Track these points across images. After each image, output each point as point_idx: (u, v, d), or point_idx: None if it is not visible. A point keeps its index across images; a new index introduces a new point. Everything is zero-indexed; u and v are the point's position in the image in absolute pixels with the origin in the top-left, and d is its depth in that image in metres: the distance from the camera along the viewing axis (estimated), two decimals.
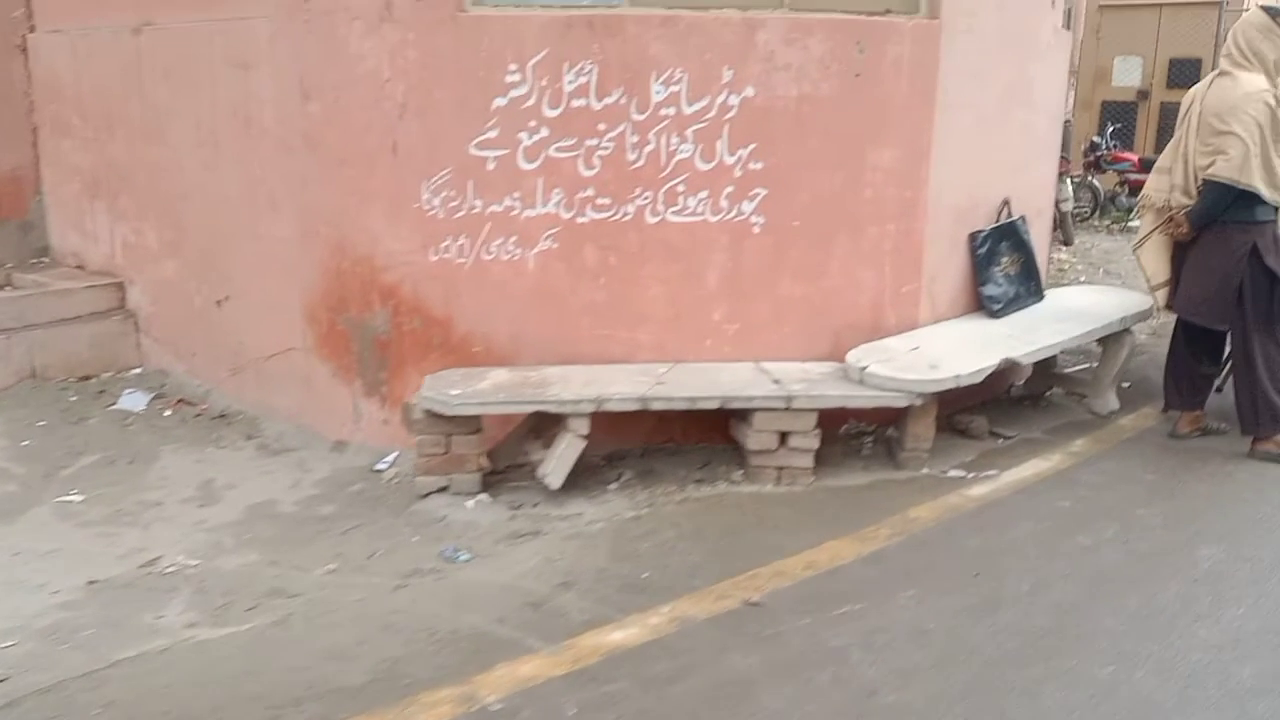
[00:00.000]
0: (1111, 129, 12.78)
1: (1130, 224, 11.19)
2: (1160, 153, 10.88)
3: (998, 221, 4.78)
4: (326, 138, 4.30)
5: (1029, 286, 4.92)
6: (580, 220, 4.14)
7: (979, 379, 4.06)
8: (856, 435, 4.50)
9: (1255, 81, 4.14)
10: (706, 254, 4.20)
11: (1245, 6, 12.71)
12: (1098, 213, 11.60)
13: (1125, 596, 3.15)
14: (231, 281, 5.00)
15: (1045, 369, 5.16)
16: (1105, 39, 14.05)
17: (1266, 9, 4.25)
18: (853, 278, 4.37)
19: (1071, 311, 4.83)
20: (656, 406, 3.82)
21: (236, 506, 4.12)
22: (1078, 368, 5.29)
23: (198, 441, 4.79)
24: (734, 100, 4.07)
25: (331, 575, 3.49)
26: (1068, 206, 9.70)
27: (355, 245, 4.35)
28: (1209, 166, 4.19)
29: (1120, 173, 11.50)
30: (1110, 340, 4.85)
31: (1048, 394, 5.18)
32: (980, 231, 4.70)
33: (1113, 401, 4.92)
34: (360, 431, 4.53)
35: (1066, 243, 9.60)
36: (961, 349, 4.25)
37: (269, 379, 4.87)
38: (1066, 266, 8.80)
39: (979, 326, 4.59)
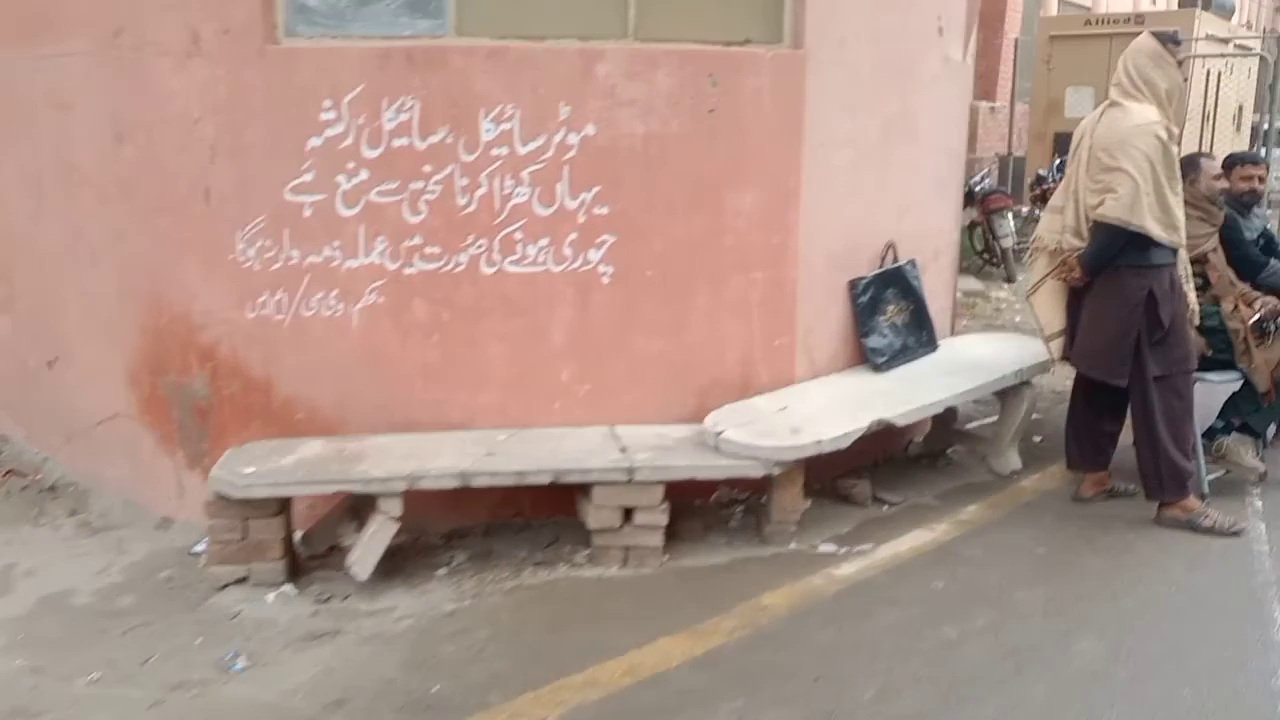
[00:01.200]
0: (1059, 161, 12.57)
1: None
2: None
3: (881, 267, 4.41)
4: (140, 184, 3.88)
5: (920, 336, 4.55)
6: (408, 271, 3.73)
7: (845, 443, 3.66)
8: (728, 503, 4.09)
9: (1146, 113, 3.80)
10: (550, 307, 3.80)
11: (1198, 35, 12.59)
12: None
13: (983, 703, 2.73)
14: (62, 341, 4.53)
15: (945, 425, 4.78)
16: (1056, 70, 13.91)
17: (1158, 34, 3.93)
18: (717, 331, 3.98)
19: (966, 363, 4.45)
20: (479, 483, 3.39)
21: (27, 598, 3.64)
22: (980, 423, 4.91)
23: (15, 519, 4.30)
24: (573, 139, 3.68)
25: (92, 687, 3.02)
26: (1009, 243, 9.42)
27: (172, 302, 3.91)
28: (1098, 206, 3.84)
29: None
30: (1009, 395, 4.48)
31: (948, 452, 4.79)
32: (861, 278, 4.33)
33: (1014, 460, 4.54)
34: (185, 508, 4.06)
35: (1009, 280, 9.30)
36: (834, 409, 3.86)
37: (99, 448, 4.40)
38: (1004, 305, 8.50)
39: (860, 382, 4.20)
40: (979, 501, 4.24)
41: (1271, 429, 4.62)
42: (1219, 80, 14.06)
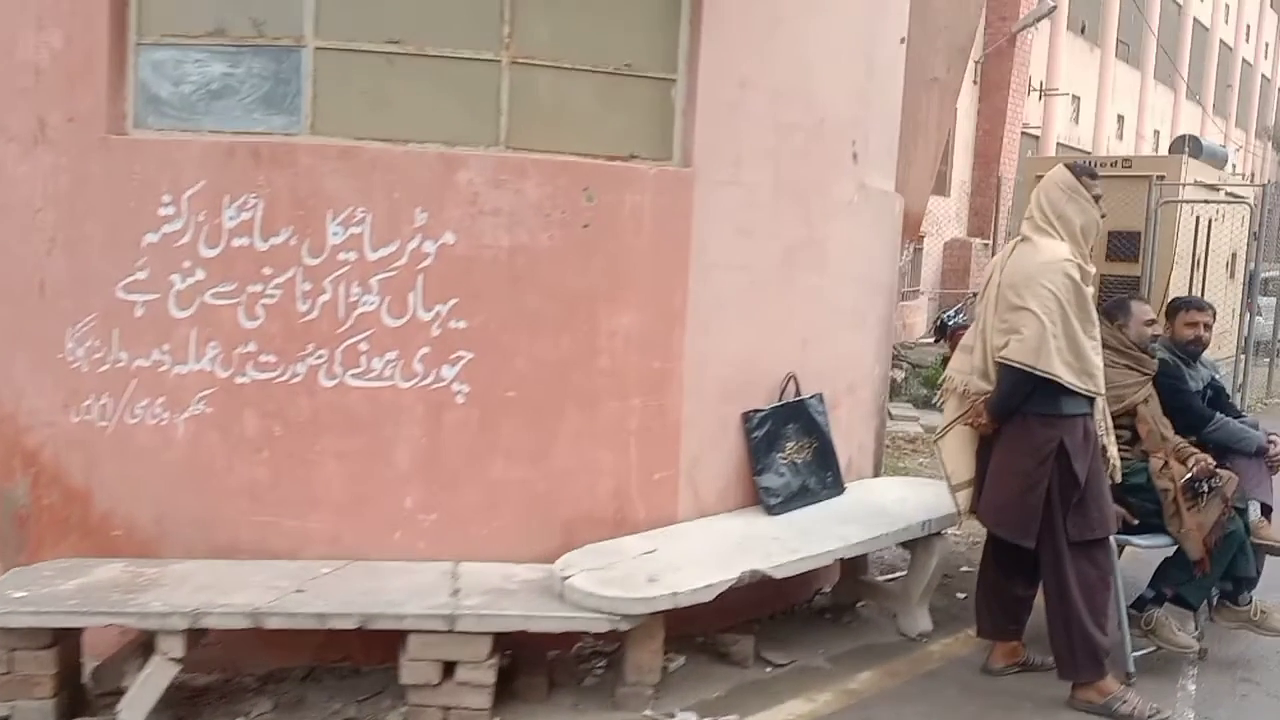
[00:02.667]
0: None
1: None
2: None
3: (781, 400, 4.07)
4: None
5: (824, 478, 4.17)
6: (240, 380, 3.42)
7: (708, 596, 3.25)
8: (591, 655, 3.66)
9: (1056, 249, 3.50)
10: (396, 426, 3.46)
11: (1185, 180, 12.50)
12: None
13: None
14: None
15: (854, 575, 4.36)
16: None
17: (1072, 166, 3.67)
18: (587, 460, 3.63)
19: (870, 510, 4.06)
20: (273, 624, 2.99)
21: None
22: (890, 576, 4.47)
23: None
24: (429, 247, 3.41)
25: None
26: None
27: (1, 400, 3.61)
28: (1003, 347, 3.51)
29: None
30: (918, 547, 4.07)
31: (858, 606, 4.36)
32: (757, 411, 3.98)
33: (923, 621, 4.09)
34: None
35: None
36: (708, 555, 3.47)
37: None
38: None
39: (747, 525, 3.81)
40: (875, 667, 3.79)
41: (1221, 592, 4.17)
42: (1210, 227, 13.95)
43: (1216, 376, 4.73)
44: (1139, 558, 4.22)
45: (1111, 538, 3.73)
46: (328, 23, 3.44)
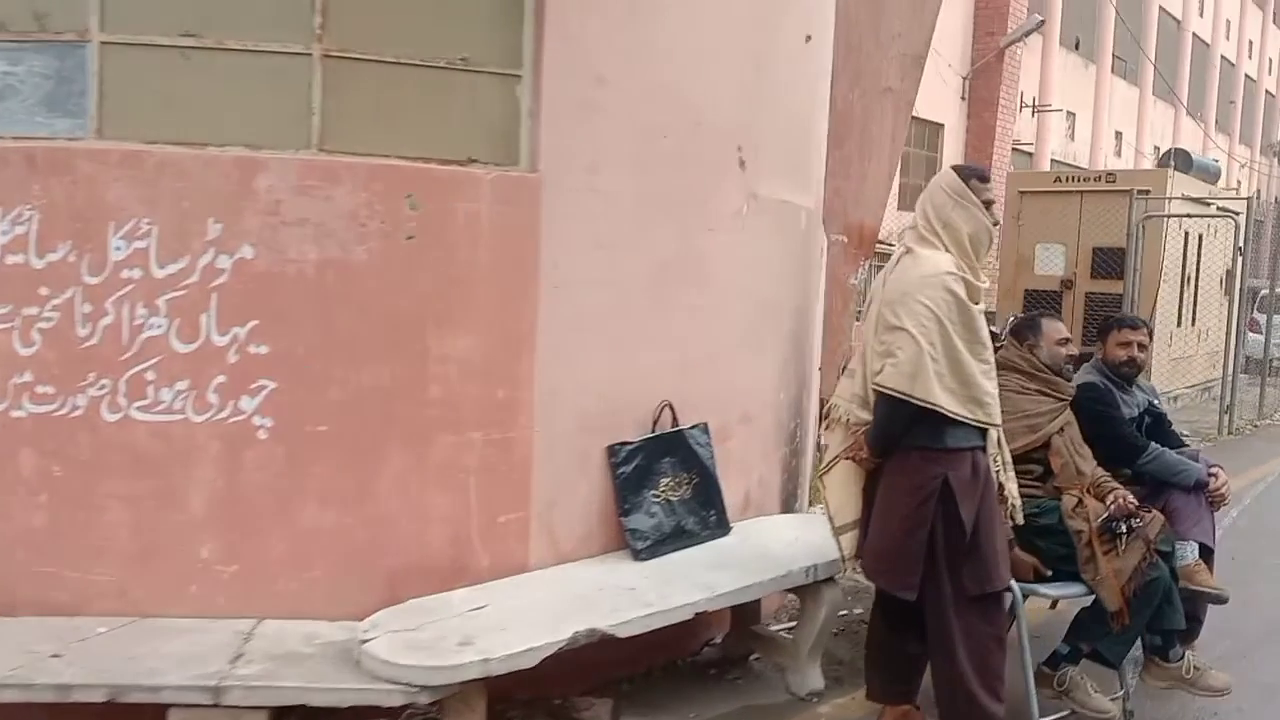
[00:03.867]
0: (1011, 318, 11.91)
1: None
2: (1084, 347, 9.93)
3: (654, 431, 3.66)
4: None
5: (705, 517, 3.75)
6: (15, 414, 3.04)
7: (529, 662, 2.83)
8: None
9: (937, 261, 3.10)
10: (188, 466, 3.07)
11: (1170, 193, 12.06)
12: None
13: None
14: None
15: (745, 625, 3.93)
16: (1026, 225, 13.45)
17: (961, 169, 3.26)
18: (416, 503, 3.22)
19: (752, 554, 3.64)
20: (6, 698, 2.59)
21: None
22: (789, 625, 4.03)
23: None
24: (224, 262, 3.03)
25: None
26: None
27: None
28: (879, 372, 3.10)
29: None
30: (806, 595, 3.64)
31: (751, 659, 3.93)
32: (625, 444, 3.57)
33: (813, 678, 3.66)
34: None
35: None
36: (545, 610, 3.05)
37: None
38: None
39: (606, 573, 3.39)
40: None
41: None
42: (1200, 243, 13.49)
43: (1155, 402, 4.29)
44: (1062, 608, 3.78)
45: (1015, 585, 3.30)
46: (115, 14, 3.08)
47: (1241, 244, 10.98)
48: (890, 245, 10.65)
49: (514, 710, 3.32)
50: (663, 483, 3.66)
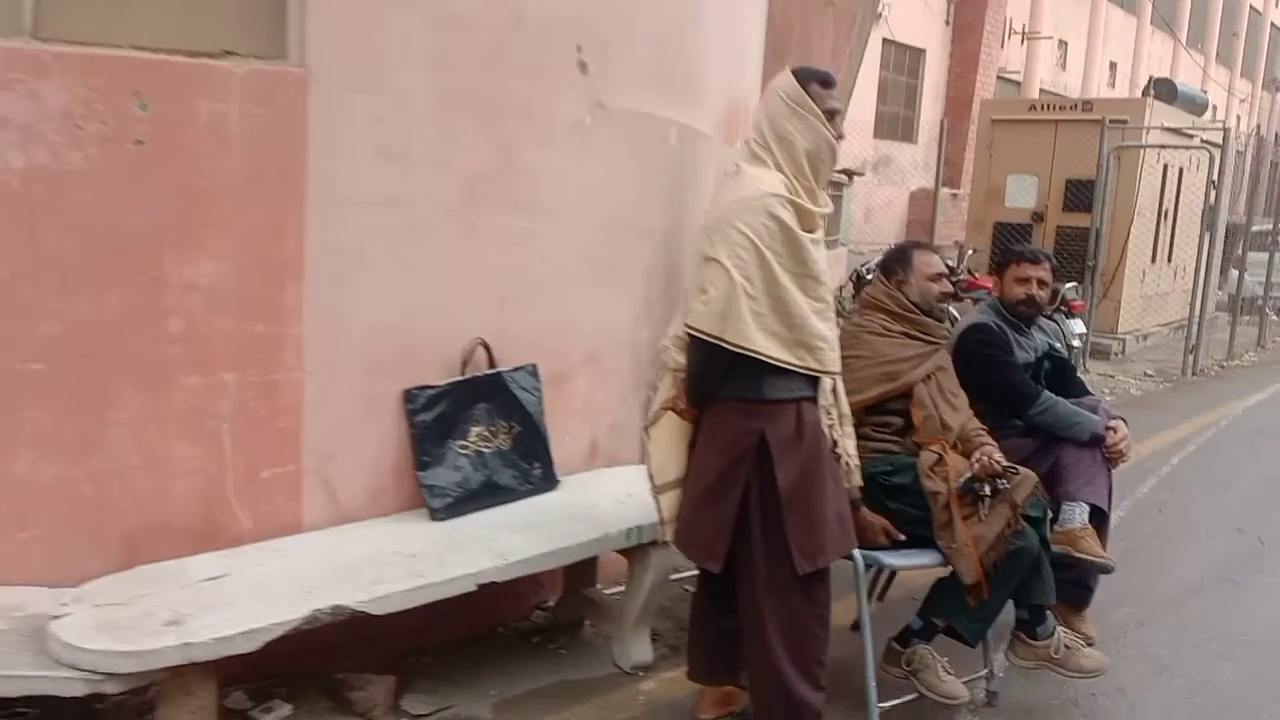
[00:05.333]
0: (972, 251, 11.41)
1: None
2: (1057, 281, 9.40)
3: (464, 374, 3.20)
4: None
5: (527, 471, 3.32)
6: None
7: (249, 645, 2.41)
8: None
9: (762, 181, 2.60)
10: None
11: (1149, 123, 11.45)
12: None
13: None
14: None
15: (576, 589, 3.53)
16: (998, 155, 12.87)
17: (800, 71, 2.73)
18: (155, 454, 2.77)
19: (574, 513, 3.21)
20: None
21: None
22: (616, 591, 3.61)
23: None
24: None
25: None
26: None
27: None
28: (691, 311, 2.64)
29: (975, 300, 10.01)
30: (634, 559, 3.23)
31: (586, 625, 3.53)
32: (426, 389, 3.12)
33: (641, 650, 3.27)
34: None
35: None
36: (293, 583, 2.63)
37: None
38: None
39: (390, 536, 2.96)
40: (554, 715, 2.97)
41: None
42: (1180, 176, 12.90)
43: (1057, 346, 3.84)
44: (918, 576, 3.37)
45: (856, 553, 2.89)
46: None
47: (1216, 177, 10.39)
48: (852, 176, 10.11)
49: (281, 687, 2.93)
50: (473, 432, 3.22)
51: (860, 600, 2.94)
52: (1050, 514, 3.44)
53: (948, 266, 10.16)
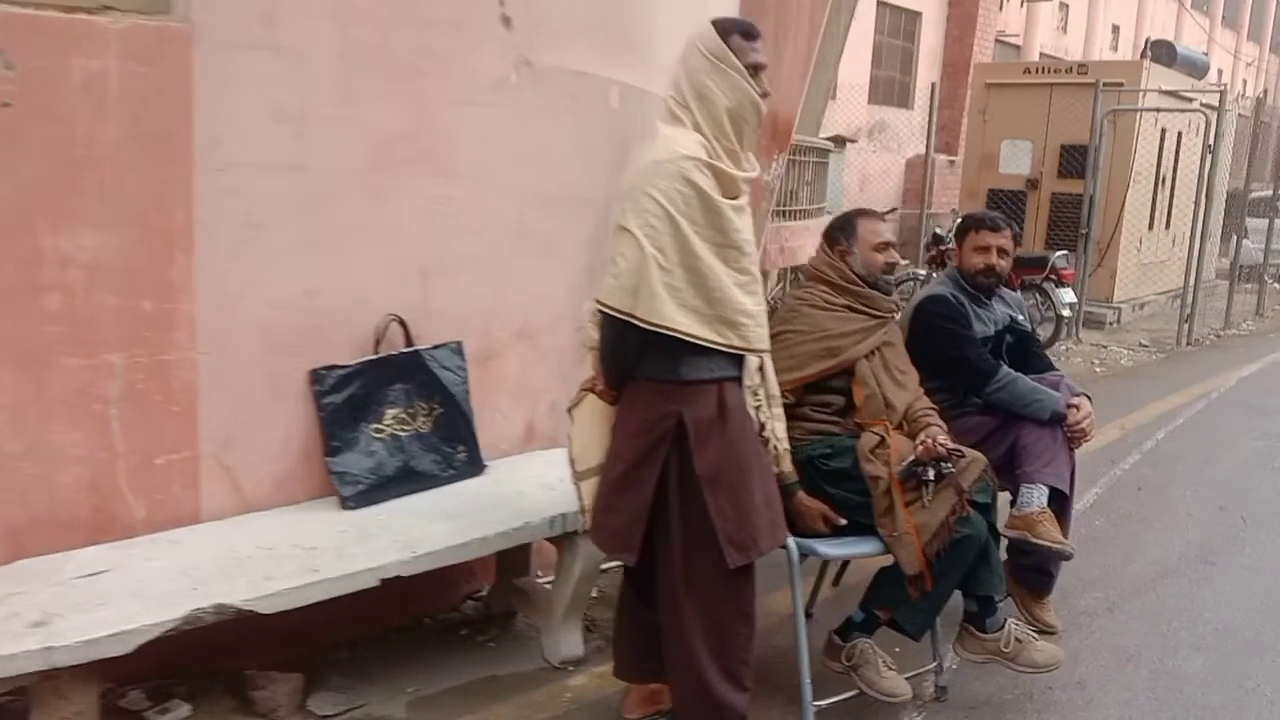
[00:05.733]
0: (958, 220, 11.16)
1: None
2: (1048, 250, 9.10)
3: (377, 352, 3.01)
4: None
5: (449, 455, 3.14)
6: None
7: (120, 648, 2.24)
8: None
9: (676, 142, 2.38)
10: None
11: (1145, 85, 11.14)
12: None
13: None
14: None
15: (508, 577, 3.35)
16: (992, 120, 12.59)
17: (720, 22, 2.50)
18: (37, 442, 2.58)
19: (499, 500, 3.03)
20: None
21: None
22: (548, 579, 3.43)
23: None
24: None
25: None
26: None
27: None
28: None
29: None
30: (564, 548, 3.05)
31: (520, 616, 3.36)
32: (334, 369, 2.93)
33: (570, 644, 3.10)
34: None
35: None
36: (182, 579, 2.45)
37: None
38: None
39: (294, 527, 2.78)
40: (472, 714, 2.80)
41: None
42: (1179, 141, 12.59)
43: (1019, 318, 3.63)
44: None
45: (791, 541, 2.70)
46: None
47: (1212, 141, 10.11)
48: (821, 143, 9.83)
49: (182, 685, 2.76)
50: (389, 415, 3.03)
51: (794, 591, 2.75)
52: (1012, 498, 3.27)
53: (936, 235, 9.92)
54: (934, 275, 10.09)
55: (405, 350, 3.06)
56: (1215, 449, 6.01)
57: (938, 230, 10.22)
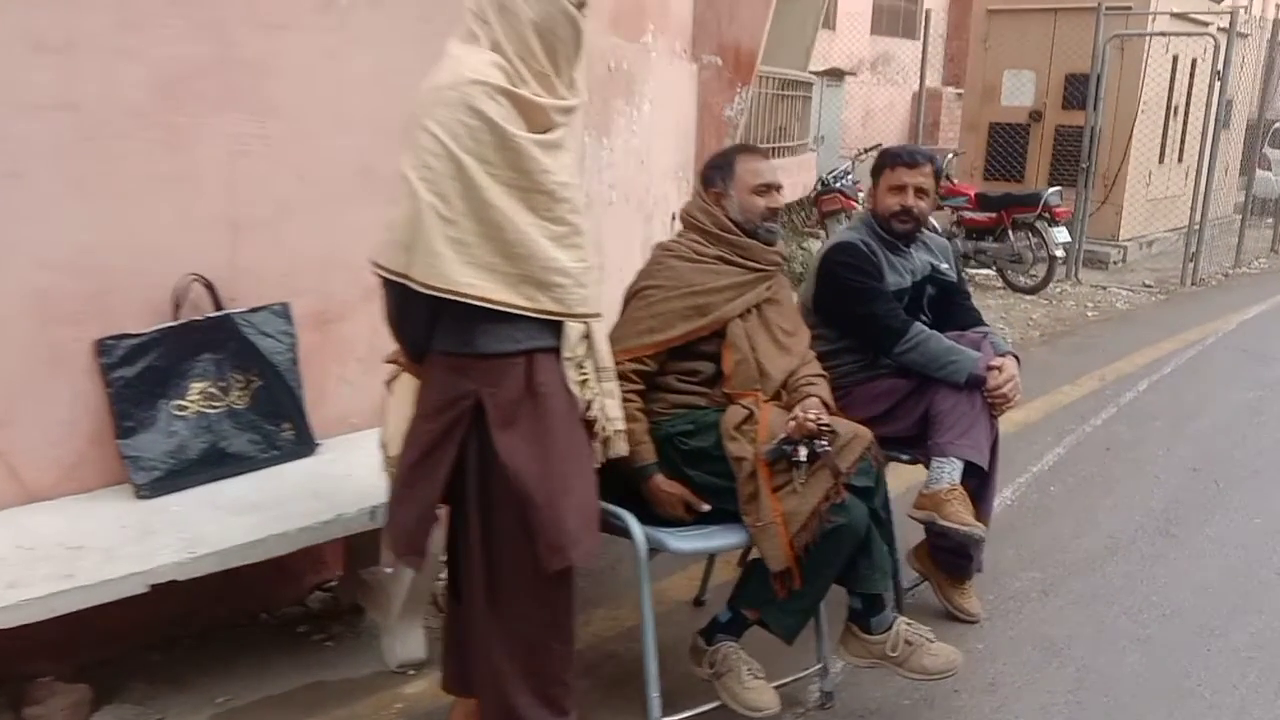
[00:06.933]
0: (952, 154, 10.58)
1: (972, 272, 9.03)
2: (1052, 186, 8.58)
3: (177, 318, 2.63)
4: None
5: (272, 433, 2.77)
6: None
7: None
8: None
9: (464, 64, 1.95)
10: None
11: (1154, 9, 10.44)
12: None
13: None
14: None
15: (354, 569, 3.01)
16: (994, 49, 11.95)
17: None
18: None
19: (319, 488, 2.66)
20: None
21: None
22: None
23: None
24: None
25: None
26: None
27: None
28: None
29: (955, 209, 9.26)
30: None
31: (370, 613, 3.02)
32: (125, 338, 2.55)
33: (410, 646, 2.76)
34: None
35: None
36: None
37: None
38: None
39: (70, 520, 2.43)
40: None
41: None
42: (1193, 68, 11.88)
43: (943, 267, 3.20)
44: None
45: (636, 530, 2.34)
46: None
47: (1221, 67, 9.46)
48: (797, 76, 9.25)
49: None
50: (194, 390, 2.66)
51: (643, 591, 2.38)
52: (931, 476, 2.88)
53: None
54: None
55: (213, 315, 2.68)
56: (1201, 402, 5.56)
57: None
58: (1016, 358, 3.02)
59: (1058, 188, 8.78)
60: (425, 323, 2.04)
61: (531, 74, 1.99)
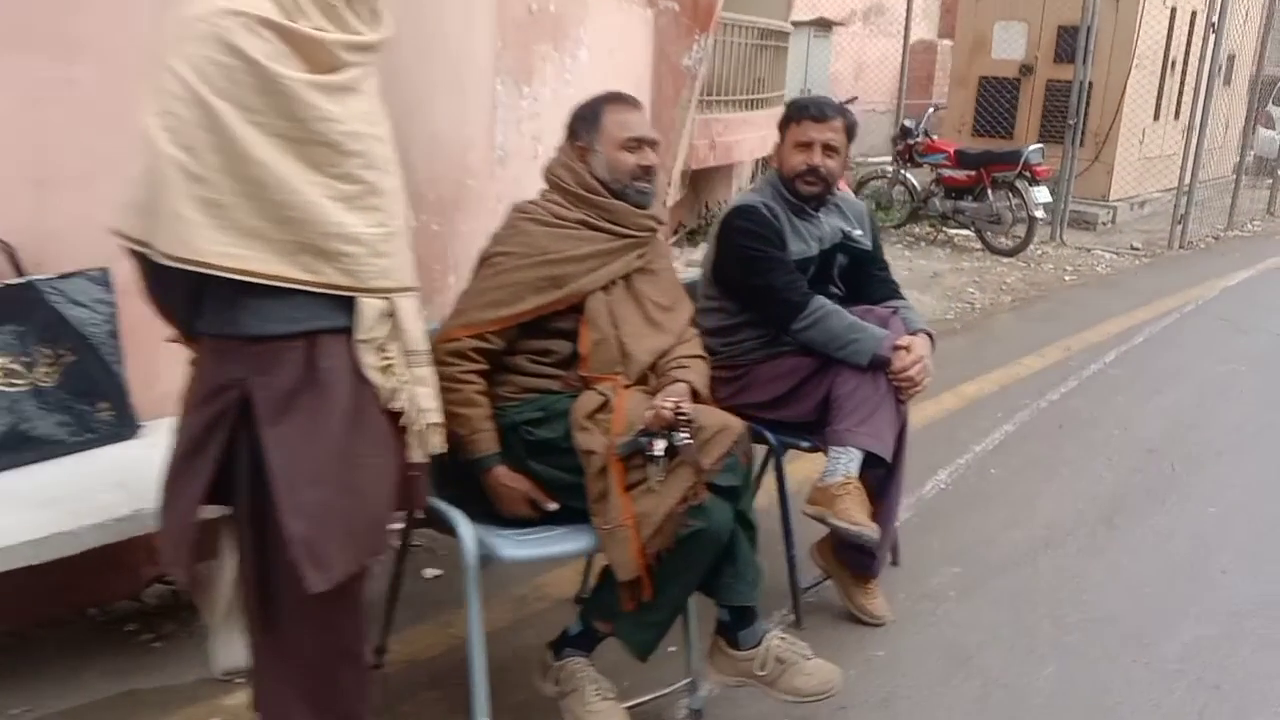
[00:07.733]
0: (934, 109, 10.17)
1: (951, 232, 8.76)
2: (1041, 143, 8.25)
3: None
4: None
5: (86, 415, 2.47)
6: None
7: None
8: None
9: None
10: None
11: None
12: (912, 216, 9.10)
13: None
14: None
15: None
16: (985, 0, 11.48)
17: None
18: None
19: (132, 473, 2.37)
20: None
21: None
22: None
23: None
24: None
25: None
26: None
27: None
28: None
29: (934, 166, 8.90)
30: (223, 536, 2.40)
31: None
32: None
33: (233, 652, 2.43)
34: None
35: None
36: None
37: None
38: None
39: None
40: None
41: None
42: (1192, 21, 11.40)
43: (857, 234, 2.88)
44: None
45: (465, 530, 2.05)
46: None
47: (1215, 19, 9.01)
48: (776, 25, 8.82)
49: None
50: None
51: (470, 606, 2.09)
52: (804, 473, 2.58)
53: (904, 128, 9.00)
54: (901, 172, 9.23)
55: (13, 283, 2.37)
56: (1169, 375, 5.25)
57: (906, 122, 9.28)
58: (931, 336, 2.72)
59: (1039, 145, 8.40)
60: (186, 299, 1.74)
61: (317, 6, 1.67)
